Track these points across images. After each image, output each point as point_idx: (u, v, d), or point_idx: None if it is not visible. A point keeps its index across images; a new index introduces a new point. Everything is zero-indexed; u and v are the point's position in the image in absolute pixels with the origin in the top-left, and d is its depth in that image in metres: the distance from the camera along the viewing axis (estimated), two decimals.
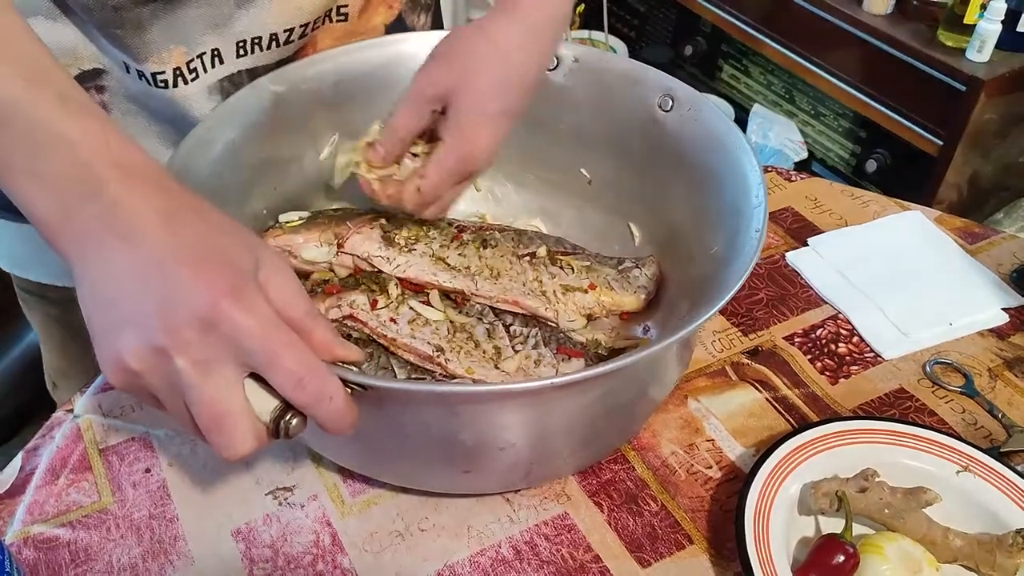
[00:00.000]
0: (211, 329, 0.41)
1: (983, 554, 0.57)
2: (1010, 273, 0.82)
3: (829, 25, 1.80)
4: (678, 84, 0.69)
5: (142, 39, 0.64)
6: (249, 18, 0.67)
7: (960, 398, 0.72)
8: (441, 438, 0.55)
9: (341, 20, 0.73)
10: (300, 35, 0.70)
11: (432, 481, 0.62)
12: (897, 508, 0.58)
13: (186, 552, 0.60)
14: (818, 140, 2.00)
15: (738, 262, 0.56)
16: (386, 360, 0.62)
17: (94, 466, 0.65)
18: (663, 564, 0.60)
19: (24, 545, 0.60)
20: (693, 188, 0.68)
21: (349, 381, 0.46)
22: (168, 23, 0.64)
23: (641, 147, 0.71)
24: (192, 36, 0.66)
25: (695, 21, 2.17)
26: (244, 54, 0.69)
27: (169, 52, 0.65)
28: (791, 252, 0.85)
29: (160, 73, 0.66)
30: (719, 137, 0.65)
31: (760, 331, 0.77)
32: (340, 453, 0.62)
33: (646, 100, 0.70)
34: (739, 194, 0.61)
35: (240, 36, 0.68)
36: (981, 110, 1.61)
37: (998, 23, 1.57)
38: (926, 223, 0.88)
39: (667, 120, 0.69)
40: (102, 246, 0.42)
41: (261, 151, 0.68)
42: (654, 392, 0.62)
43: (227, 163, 0.65)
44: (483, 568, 0.59)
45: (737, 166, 0.63)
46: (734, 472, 0.65)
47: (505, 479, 0.61)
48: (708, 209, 0.65)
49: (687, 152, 0.68)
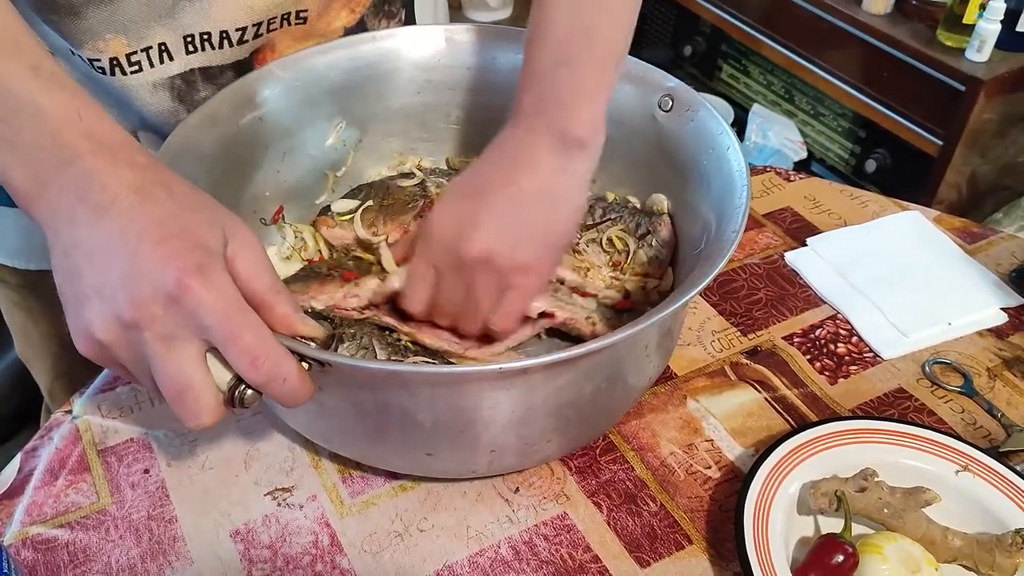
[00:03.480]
0: (175, 304, 0.42)
1: (982, 554, 0.57)
2: (1009, 273, 0.82)
3: (828, 25, 1.81)
4: (679, 85, 0.69)
5: (77, 26, 0.63)
6: (195, 11, 0.65)
7: (959, 398, 0.71)
8: (400, 418, 0.55)
9: (300, 23, 0.71)
10: (254, 35, 0.69)
11: (394, 461, 0.62)
12: (896, 508, 0.58)
13: (185, 553, 0.60)
14: (817, 140, 2.00)
15: (710, 263, 0.56)
16: (368, 341, 0.62)
17: (93, 467, 0.65)
18: (662, 564, 0.60)
19: (23, 546, 0.60)
20: (684, 188, 0.68)
21: (306, 356, 0.48)
22: (106, 11, 0.63)
23: (640, 146, 0.71)
24: (133, 27, 0.64)
25: (695, 21, 2.17)
26: (194, 50, 0.67)
27: (105, 41, 0.64)
28: (790, 252, 0.85)
29: (96, 60, 0.65)
30: (712, 138, 0.65)
31: (759, 331, 0.77)
32: (304, 426, 0.63)
33: (647, 99, 0.70)
34: (725, 195, 0.61)
35: (187, 30, 0.66)
36: (980, 110, 1.61)
37: (997, 23, 1.57)
38: (925, 223, 0.88)
39: (665, 120, 0.69)
40: (74, 217, 0.44)
41: (264, 135, 0.69)
42: (629, 381, 0.62)
43: (230, 143, 0.65)
44: (482, 568, 0.59)
45: (725, 167, 0.63)
46: (733, 472, 0.65)
47: (467, 463, 0.60)
48: (696, 210, 0.66)
49: (680, 152, 0.68)
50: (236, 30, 0.68)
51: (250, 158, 0.68)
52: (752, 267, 0.84)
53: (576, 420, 0.59)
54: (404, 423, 0.55)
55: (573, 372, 0.55)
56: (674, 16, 2.23)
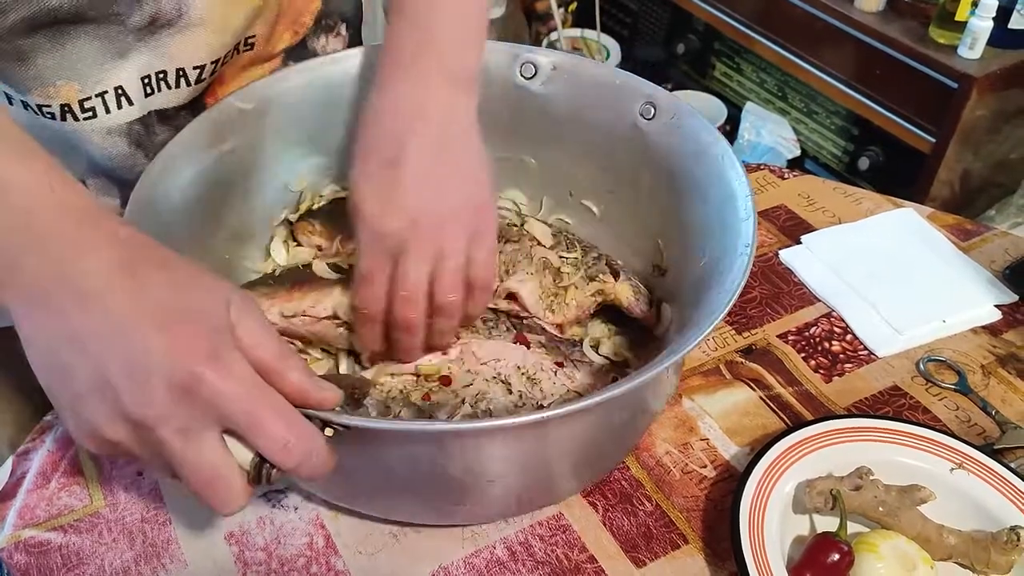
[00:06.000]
0: (188, 397, 0.39)
1: (978, 551, 0.57)
2: (1003, 270, 0.82)
3: (821, 23, 1.81)
4: (660, 91, 0.68)
5: (24, 72, 0.58)
6: (150, 51, 0.62)
7: (953, 395, 0.72)
8: (429, 472, 0.53)
9: (248, 49, 0.69)
10: (211, 72, 0.65)
11: (424, 515, 0.60)
12: (891, 506, 0.58)
13: (179, 556, 0.59)
14: (811, 138, 2.00)
15: (728, 279, 0.55)
16: (395, 391, 0.61)
17: (85, 470, 0.65)
18: (658, 564, 0.59)
19: (15, 549, 0.60)
20: (677, 198, 0.66)
21: (332, 423, 0.45)
22: (56, 57, 0.58)
23: (624, 156, 0.70)
24: (87, 71, 0.60)
25: (688, 19, 2.17)
26: (152, 92, 0.63)
27: (56, 88, 0.59)
28: (784, 250, 0.85)
29: (46, 106, 0.60)
30: (704, 147, 0.64)
31: (754, 329, 0.77)
32: (329, 491, 0.61)
33: (628, 108, 0.68)
34: (725, 205, 0.60)
35: (144, 71, 0.62)
36: (973, 107, 1.61)
37: (989, 20, 1.57)
38: (919, 220, 0.88)
39: (649, 129, 0.68)
40: (55, 305, 0.39)
41: (234, 170, 0.66)
42: (649, 409, 0.61)
43: (201, 185, 0.63)
44: (478, 569, 0.59)
45: (723, 177, 0.62)
46: (729, 471, 0.65)
47: (499, 509, 0.60)
48: (693, 221, 0.64)
49: (670, 162, 0.67)
50: (194, 68, 0.64)
51: (221, 197, 0.66)
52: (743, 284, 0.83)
53: (606, 450, 0.60)
54: (432, 476, 0.54)
55: (610, 406, 0.53)
56: (667, 15, 2.24)
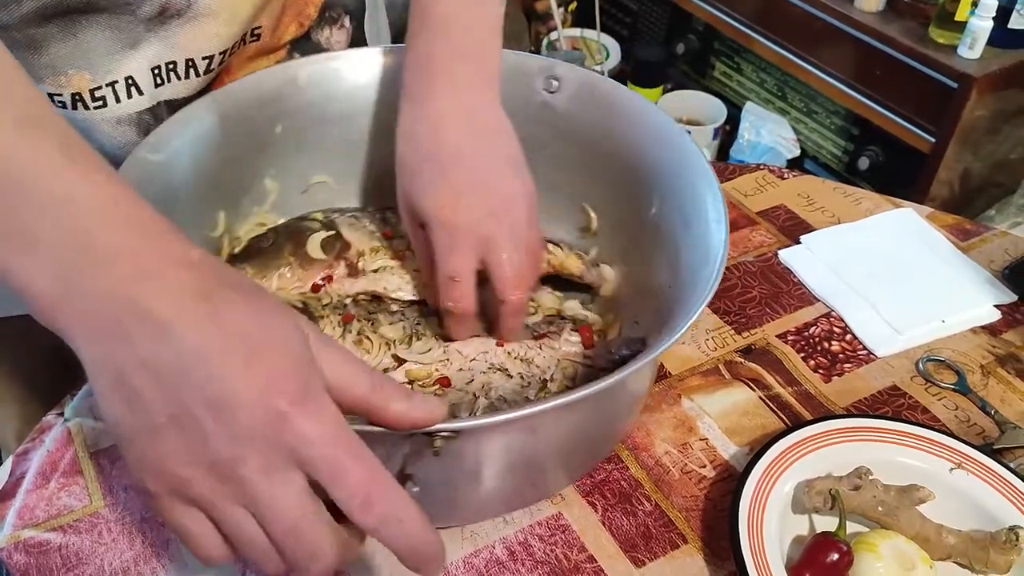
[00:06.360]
0: (275, 437, 0.37)
1: (977, 551, 0.57)
2: (1002, 270, 0.82)
3: (821, 23, 1.81)
4: (560, 64, 0.68)
5: (37, 61, 0.59)
6: (160, 41, 0.62)
7: (953, 395, 0.72)
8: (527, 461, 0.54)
9: (254, 40, 0.69)
10: (220, 63, 0.66)
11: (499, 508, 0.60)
12: (891, 506, 0.58)
13: (179, 556, 0.59)
14: (810, 137, 2.00)
15: (704, 223, 0.56)
16: None
17: (85, 470, 0.65)
18: (657, 564, 0.60)
19: (15, 550, 0.60)
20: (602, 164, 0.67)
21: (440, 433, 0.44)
22: (68, 46, 0.59)
23: (538, 135, 0.68)
24: (98, 61, 0.61)
25: (687, 19, 2.17)
26: (162, 83, 0.65)
27: (68, 77, 0.60)
28: (784, 250, 0.85)
29: (57, 95, 0.61)
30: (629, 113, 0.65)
31: (753, 329, 0.77)
32: None
33: (531, 85, 0.69)
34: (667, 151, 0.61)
35: (154, 61, 0.63)
36: (973, 107, 1.62)
37: (989, 20, 1.57)
38: (918, 220, 0.88)
39: (556, 102, 0.68)
40: (123, 332, 0.37)
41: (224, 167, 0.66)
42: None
43: (202, 158, 0.63)
44: (477, 569, 0.59)
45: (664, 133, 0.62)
46: (728, 471, 0.65)
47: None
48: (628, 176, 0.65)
49: (590, 132, 0.67)
50: (203, 59, 0.65)
51: (231, 176, 0.66)
52: (746, 265, 0.84)
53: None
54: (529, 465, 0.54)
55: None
56: (667, 14, 2.24)
